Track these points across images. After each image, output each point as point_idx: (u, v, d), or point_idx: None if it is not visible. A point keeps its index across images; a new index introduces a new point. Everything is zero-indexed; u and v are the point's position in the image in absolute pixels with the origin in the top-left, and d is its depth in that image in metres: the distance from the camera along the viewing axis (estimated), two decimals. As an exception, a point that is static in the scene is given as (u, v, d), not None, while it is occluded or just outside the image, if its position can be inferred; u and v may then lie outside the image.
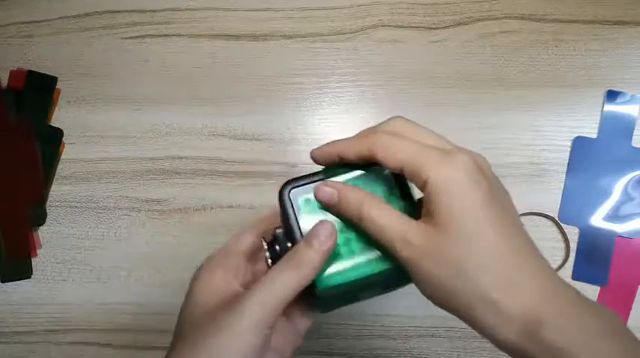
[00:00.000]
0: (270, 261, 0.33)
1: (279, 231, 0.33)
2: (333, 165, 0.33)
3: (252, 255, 0.36)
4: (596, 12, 0.57)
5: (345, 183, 0.32)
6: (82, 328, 0.52)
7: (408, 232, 0.29)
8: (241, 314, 0.29)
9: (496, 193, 0.29)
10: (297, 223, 0.32)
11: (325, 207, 0.32)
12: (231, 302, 0.30)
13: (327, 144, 0.33)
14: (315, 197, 0.32)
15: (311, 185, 0.32)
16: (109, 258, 0.53)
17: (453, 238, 0.28)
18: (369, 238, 0.31)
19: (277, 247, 0.33)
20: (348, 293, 0.32)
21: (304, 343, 0.36)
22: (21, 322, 0.52)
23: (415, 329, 0.51)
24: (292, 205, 0.32)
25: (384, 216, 0.30)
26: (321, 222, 0.31)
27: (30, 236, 0.53)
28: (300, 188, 0.32)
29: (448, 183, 0.28)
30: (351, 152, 0.32)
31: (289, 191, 0.32)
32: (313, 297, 0.32)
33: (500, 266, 0.28)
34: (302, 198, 0.32)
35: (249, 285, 0.32)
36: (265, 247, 0.33)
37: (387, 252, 0.31)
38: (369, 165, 0.32)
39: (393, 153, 0.30)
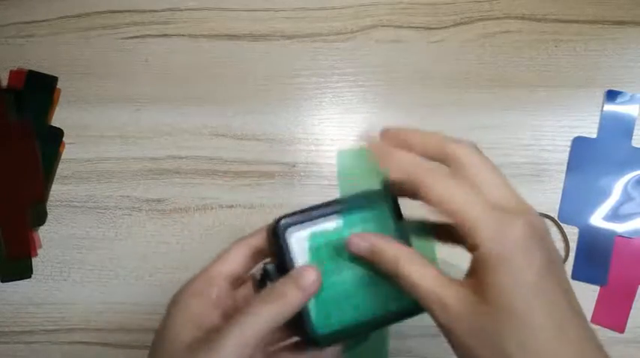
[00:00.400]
0: None
1: (269, 266, 0.31)
2: (326, 203, 0.31)
3: (237, 279, 0.33)
4: (596, 12, 0.57)
5: (353, 221, 0.31)
6: (82, 328, 0.52)
7: (447, 297, 0.27)
8: (219, 354, 0.28)
9: (551, 265, 0.27)
10: (292, 262, 0.31)
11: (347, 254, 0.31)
12: (209, 338, 0.29)
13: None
14: (348, 249, 0.30)
15: (308, 223, 0.31)
16: (109, 258, 0.53)
17: (497, 314, 0.26)
18: (375, 279, 0.30)
19: (269, 284, 0.31)
20: (348, 334, 0.31)
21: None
22: (21, 322, 0.52)
23: (415, 329, 0.51)
24: (287, 243, 0.31)
25: (422, 275, 0.28)
26: (307, 268, 0.30)
27: (30, 236, 0.53)
28: (297, 226, 0.31)
29: (500, 256, 0.26)
30: (394, 176, 0.29)
31: (285, 229, 0.31)
32: (308, 338, 0.31)
33: (544, 352, 0.26)
34: (297, 236, 0.31)
35: (231, 313, 0.30)
36: (255, 282, 0.32)
37: (393, 293, 0.30)
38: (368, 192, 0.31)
39: (444, 201, 0.28)
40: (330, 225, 0.31)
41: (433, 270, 0.28)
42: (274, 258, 0.32)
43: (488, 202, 0.27)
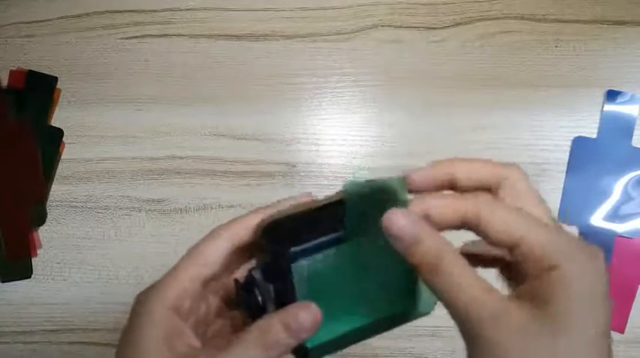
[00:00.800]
0: (247, 311, 0.28)
1: (256, 274, 0.27)
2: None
3: (211, 280, 0.29)
4: (596, 12, 0.57)
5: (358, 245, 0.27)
6: (82, 328, 0.52)
7: (503, 309, 0.24)
8: None
9: (607, 290, 0.25)
10: (293, 286, 0.27)
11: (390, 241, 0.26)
12: None
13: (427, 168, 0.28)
14: (386, 229, 0.25)
15: (312, 251, 0.27)
16: (109, 258, 0.53)
17: (564, 334, 0.24)
18: (366, 282, 0.28)
19: (259, 297, 0.27)
20: (339, 345, 0.29)
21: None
22: (21, 322, 0.52)
23: (415, 329, 0.51)
24: (292, 274, 0.27)
25: (468, 278, 0.25)
26: (308, 306, 0.26)
27: (30, 236, 0.53)
28: (303, 256, 0.27)
29: (581, 280, 0.24)
30: (448, 213, 0.26)
31: (293, 259, 0.26)
32: (297, 352, 0.27)
33: None
34: (299, 265, 0.27)
35: (205, 332, 0.29)
36: (238, 289, 0.28)
37: (385, 298, 0.28)
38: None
39: (511, 229, 0.25)
40: (332, 250, 0.27)
41: (477, 275, 0.25)
42: (260, 257, 0.29)
43: (554, 228, 0.26)
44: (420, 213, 0.26)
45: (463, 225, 0.26)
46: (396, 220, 0.25)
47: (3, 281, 0.53)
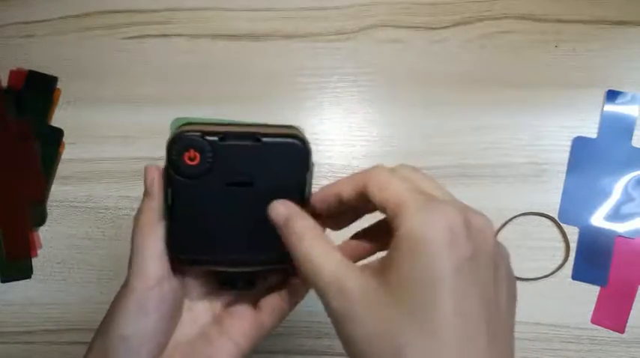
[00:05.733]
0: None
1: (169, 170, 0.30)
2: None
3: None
4: (596, 12, 0.57)
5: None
6: (82, 328, 0.52)
7: (347, 280, 0.24)
8: None
9: (480, 270, 0.23)
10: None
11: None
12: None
13: (324, 187, 0.30)
14: (270, 214, 0.29)
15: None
16: (109, 258, 0.53)
17: (398, 307, 0.22)
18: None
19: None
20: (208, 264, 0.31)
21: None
22: (21, 322, 0.52)
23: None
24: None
25: (326, 256, 0.25)
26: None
27: (30, 236, 0.53)
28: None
29: (417, 238, 0.23)
30: (349, 188, 0.28)
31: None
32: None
33: None
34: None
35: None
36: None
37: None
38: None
39: (382, 188, 0.26)
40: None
41: (338, 254, 0.26)
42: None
43: (422, 191, 0.25)
44: (332, 193, 0.29)
45: (363, 196, 0.27)
46: (277, 208, 0.29)
47: (3, 282, 0.53)
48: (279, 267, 0.31)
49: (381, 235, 0.29)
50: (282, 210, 0.29)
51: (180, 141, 0.30)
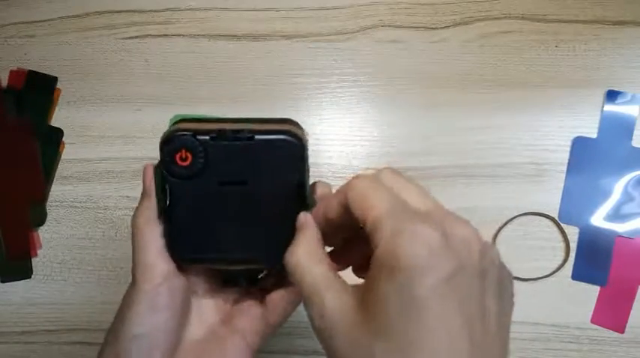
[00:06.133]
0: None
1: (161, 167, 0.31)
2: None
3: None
4: (596, 12, 0.57)
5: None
6: (82, 328, 0.52)
7: (328, 298, 0.24)
8: None
9: (462, 285, 0.22)
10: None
11: None
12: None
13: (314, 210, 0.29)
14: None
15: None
16: (109, 258, 0.53)
17: (372, 328, 0.22)
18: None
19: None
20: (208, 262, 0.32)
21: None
22: (21, 322, 0.52)
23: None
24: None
25: (312, 267, 0.25)
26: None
27: (30, 236, 0.53)
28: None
29: (392, 259, 0.22)
30: (334, 203, 0.27)
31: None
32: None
33: None
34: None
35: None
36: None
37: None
38: None
39: (360, 202, 0.25)
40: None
41: (326, 266, 0.25)
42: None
43: (403, 203, 0.24)
44: (319, 214, 0.28)
45: (349, 212, 0.26)
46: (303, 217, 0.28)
47: (3, 282, 0.53)
48: (276, 266, 0.31)
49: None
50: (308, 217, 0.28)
51: (171, 142, 0.29)
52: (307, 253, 0.26)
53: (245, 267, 0.32)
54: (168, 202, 0.30)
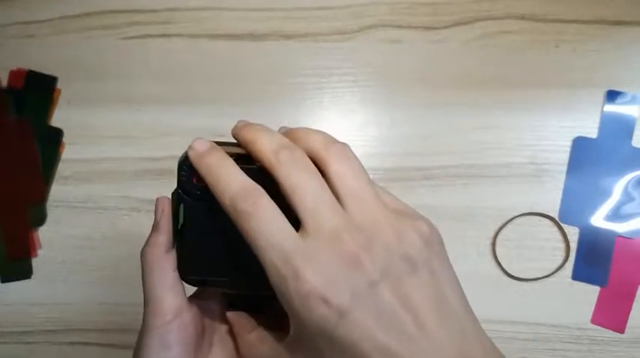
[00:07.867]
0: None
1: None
2: None
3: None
4: (596, 12, 0.57)
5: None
6: (82, 328, 0.52)
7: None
8: None
9: (377, 297, 0.23)
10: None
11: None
12: None
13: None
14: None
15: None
16: (109, 258, 0.53)
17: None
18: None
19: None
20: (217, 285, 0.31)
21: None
22: (21, 322, 0.52)
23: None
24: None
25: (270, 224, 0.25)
26: None
27: (30, 236, 0.53)
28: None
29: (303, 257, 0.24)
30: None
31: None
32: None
33: None
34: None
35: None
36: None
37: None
38: None
39: (295, 188, 0.25)
40: None
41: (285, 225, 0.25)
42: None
43: (332, 203, 0.25)
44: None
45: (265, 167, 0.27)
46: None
47: (3, 282, 0.53)
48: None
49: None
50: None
51: (189, 162, 0.30)
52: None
53: (259, 292, 0.31)
54: (182, 222, 0.30)
